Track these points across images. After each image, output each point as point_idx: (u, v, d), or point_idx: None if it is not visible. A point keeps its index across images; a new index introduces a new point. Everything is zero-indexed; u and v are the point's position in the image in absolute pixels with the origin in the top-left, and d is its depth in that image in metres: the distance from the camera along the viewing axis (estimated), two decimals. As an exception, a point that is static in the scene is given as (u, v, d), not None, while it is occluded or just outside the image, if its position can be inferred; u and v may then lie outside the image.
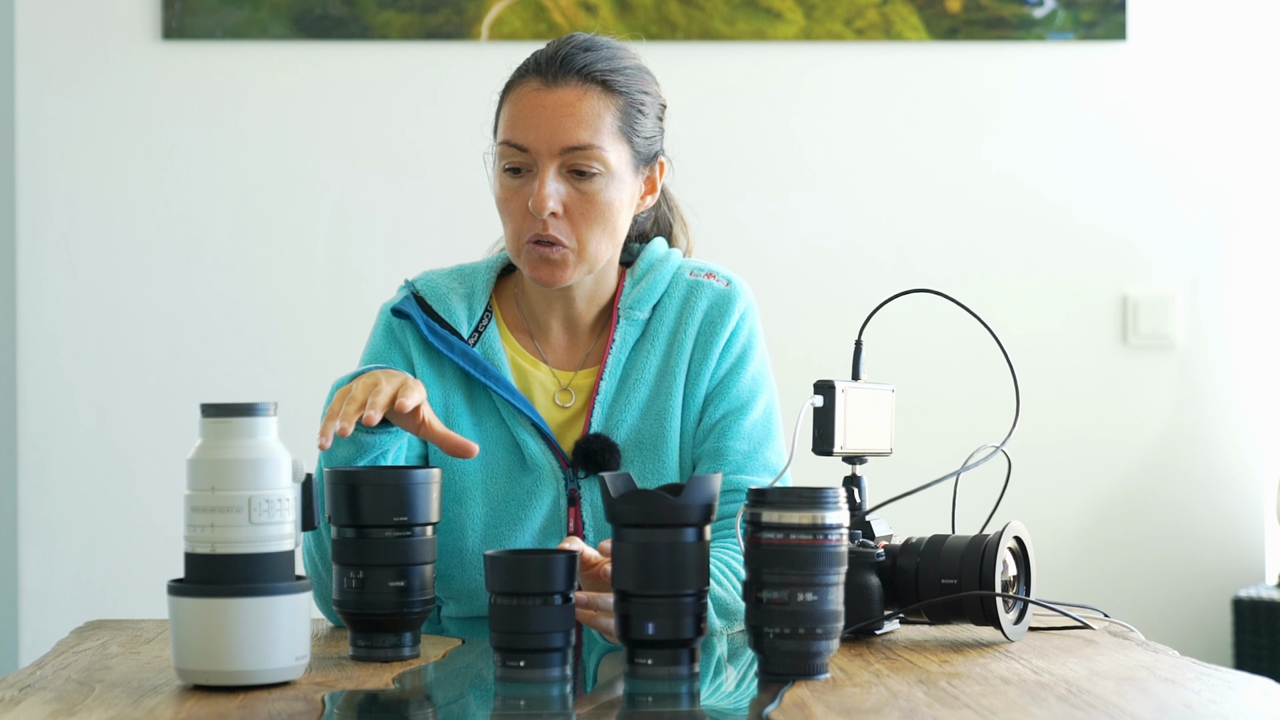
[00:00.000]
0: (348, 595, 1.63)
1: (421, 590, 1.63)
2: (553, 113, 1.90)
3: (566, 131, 1.89)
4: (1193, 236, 3.69)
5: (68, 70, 3.60)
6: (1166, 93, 3.69)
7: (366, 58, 3.62)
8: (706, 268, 2.03)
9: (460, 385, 1.97)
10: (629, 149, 1.94)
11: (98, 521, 3.60)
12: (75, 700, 1.45)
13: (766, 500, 1.52)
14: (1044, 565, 2.30)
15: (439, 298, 1.99)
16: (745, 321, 2.01)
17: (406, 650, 1.64)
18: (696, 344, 1.98)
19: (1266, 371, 3.72)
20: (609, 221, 1.93)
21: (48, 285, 3.60)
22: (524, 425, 1.95)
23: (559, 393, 1.98)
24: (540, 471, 1.95)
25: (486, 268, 2.04)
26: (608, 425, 1.96)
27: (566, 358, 2.01)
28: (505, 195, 1.93)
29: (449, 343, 1.96)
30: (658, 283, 2.00)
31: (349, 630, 1.65)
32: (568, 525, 1.95)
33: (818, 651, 1.52)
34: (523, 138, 1.90)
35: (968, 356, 3.58)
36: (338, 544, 1.64)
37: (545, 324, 2.01)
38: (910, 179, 3.67)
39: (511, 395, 1.94)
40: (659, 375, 1.98)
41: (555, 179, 1.90)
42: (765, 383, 2.02)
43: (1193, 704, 1.42)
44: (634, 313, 1.99)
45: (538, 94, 1.91)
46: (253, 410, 1.51)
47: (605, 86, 1.92)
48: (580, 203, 1.91)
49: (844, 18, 3.64)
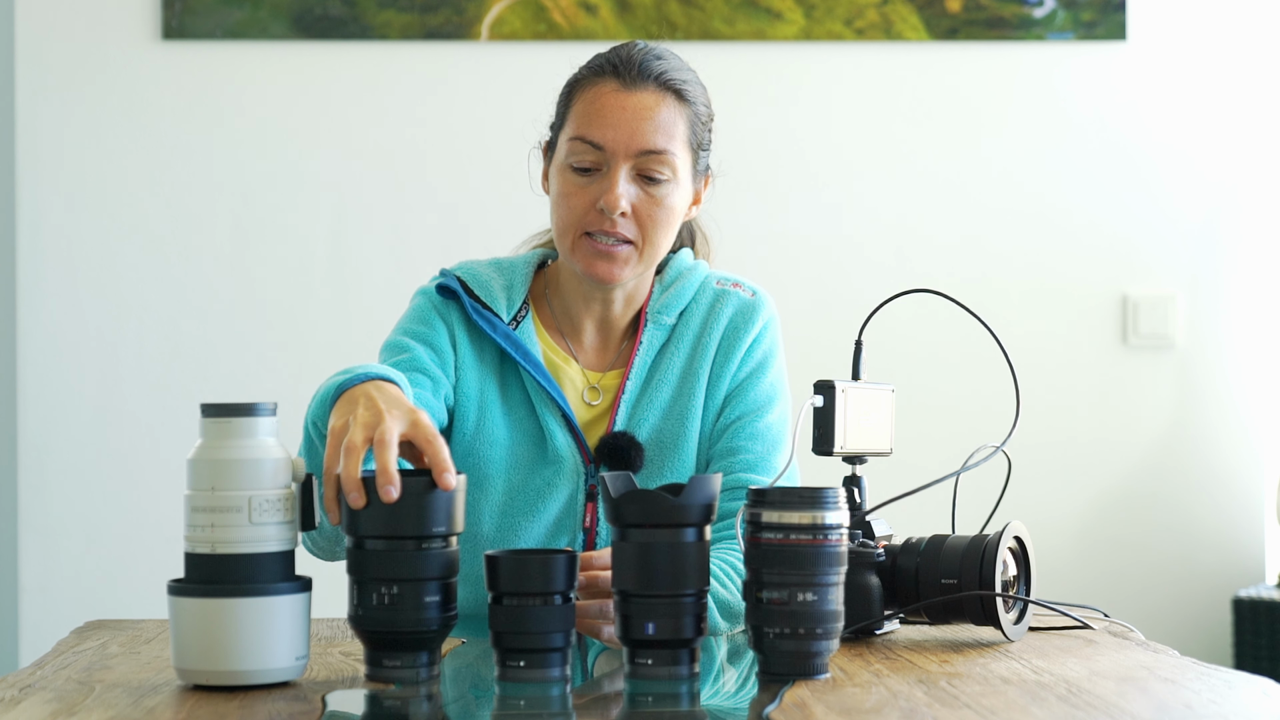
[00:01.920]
0: (378, 613, 1.51)
1: (454, 601, 1.54)
2: (632, 115, 1.93)
3: (645, 135, 1.93)
4: (1193, 236, 3.69)
5: (68, 70, 3.60)
6: (1166, 93, 3.69)
7: (366, 58, 3.62)
8: (733, 279, 2.08)
9: (495, 371, 2.00)
10: (692, 158, 1.99)
11: (98, 521, 3.60)
12: (75, 700, 1.45)
13: (766, 500, 1.52)
14: (1044, 565, 2.30)
15: (481, 284, 2.02)
16: (768, 332, 2.05)
17: (435, 668, 1.55)
18: (720, 348, 2.02)
19: (1266, 371, 3.72)
20: (671, 226, 1.97)
21: (48, 285, 3.60)
22: (554, 415, 1.97)
23: (587, 390, 2.01)
24: (562, 464, 1.97)
25: (524, 263, 2.07)
26: (631, 424, 2.00)
27: (597, 359, 2.04)
28: (569, 190, 1.95)
29: (492, 324, 1.99)
30: (685, 290, 2.04)
31: (370, 650, 1.53)
32: (583, 520, 1.97)
33: (818, 651, 1.52)
34: (600, 136, 1.93)
35: (968, 356, 3.58)
36: (371, 556, 1.51)
37: (579, 324, 2.04)
38: (910, 179, 3.67)
39: (546, 381, 1.97)
40: (682, 377, 2.01)
41: (626, 180, 1.93)
42: (781, 391, 2.05)
43: (1193, 704, 1.42)
44: (661, 317, 2.03)
45: (616, 95, 1.94)
46: (253, 410, 1.51)
47: (679, 96, 1.96)
48: (648, 205, 1.94)
49: (844, 18, 3.64)
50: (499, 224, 2.13)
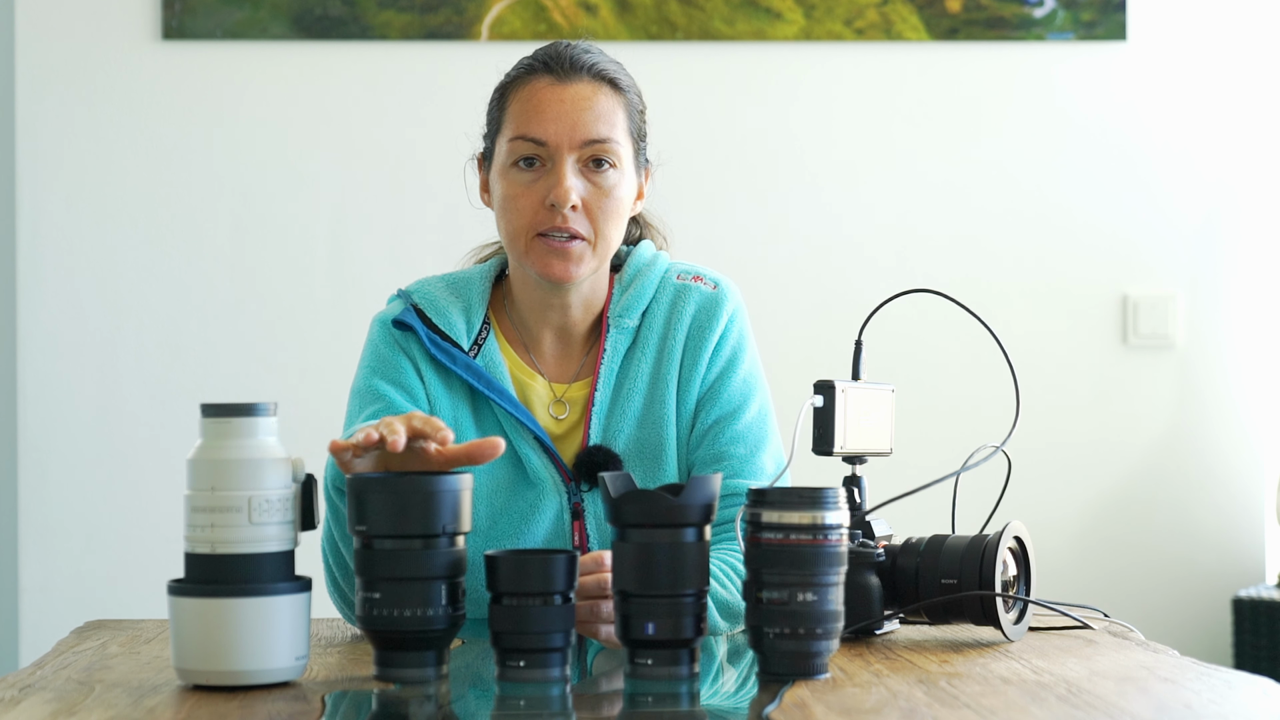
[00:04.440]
0: (385, 612, 1.49)
1: (462, 600, 1.54)
2: (571, 106, 1.90)
3: (587, 125, 1.90)
4: (1193, 236, 3.69)
5: (68, 70, 3.60)
6: (1166, 93, 3.69)
7: (366, 58, 3.62)
8: (694, 270, 2.02)
9: (466, 398, 1.95)
10: (634, 148, 1.96)
11: (98, 521, 3.60)
12: (75, 700, 1.45)
13: (766, 500, 1.52)
14: (1044, 565, 2.30)
15: (438, 310, 1.97)
16: (734, 324, 1.99)
17: (444, 667, 1.55)
18: (686, 349, 1.97)
19: (1266, 371, 3.72)
20: (622, 216, 1.94)
21: (48, 285, 3.60)
22: (526, 439, 1.93)
23: (553, 404, 1.97)
24: (543, 485, 1.93)
25: (480, 277, 2.01)
26: (605, 436, 1.95)
27: (560, 369, 1.99)
28: (514, 191, 1.92)
29: (451, 355, 1.94)
30: (645, 288, 1.99)
31: (378, 650, 1.53)
32: (572, 539, 1.94)
33: (818, 651, 1.52)
34: (540, 131, 1.90)
35: (968, 357, 3.58)
36: (377, 555, 1.50)
37: (538, 334, 1.99)
38: (910, 179, 3.67)
39: (514, 408, 1.92)
40: (651, 383, 1.96)
41: (573, 173, 1.90)
42: (757, 384, 2.01)
43: (1193, 704, 1.42)
44: (624, 320, 1.97)
45: (552, 89, 1.91)
46: (253, 410, 1.51)
47: (614, 85, 1.94)
48: (597, 197, 1.91)
49: (844, 18, 3.64)
50: (499, 224, 2.11)
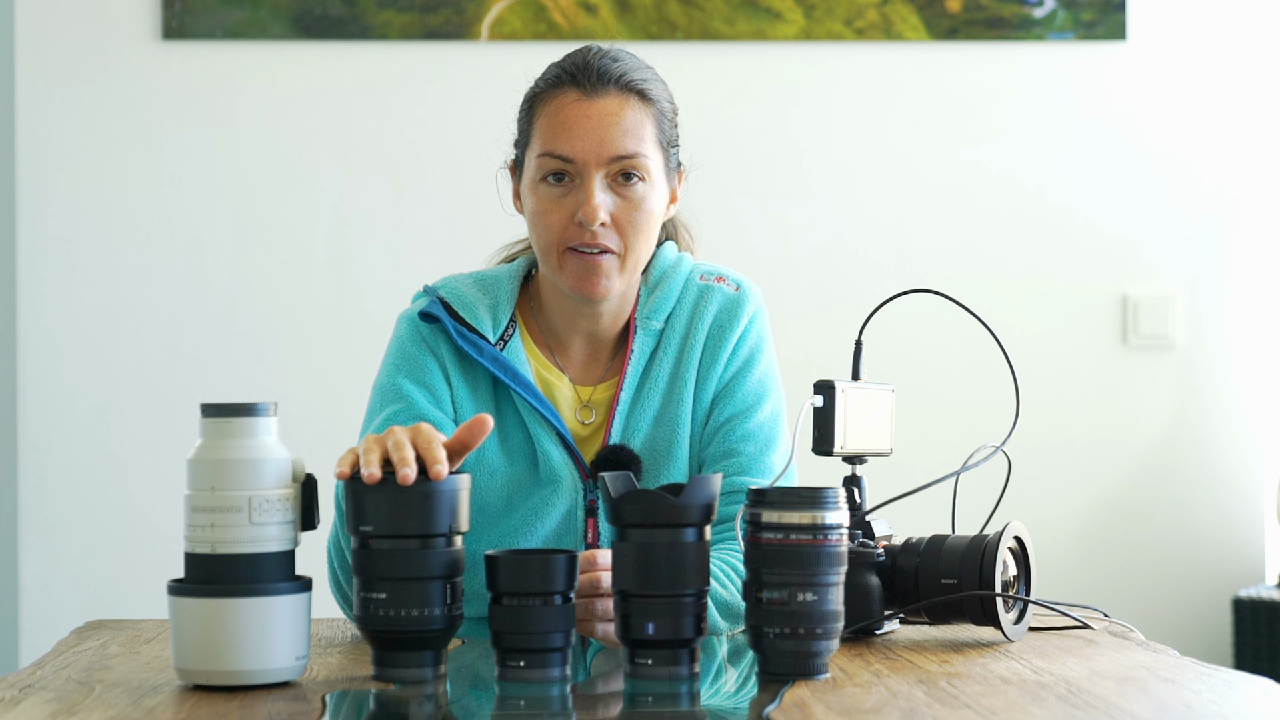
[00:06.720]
0: (383, 612, 1.50)
1: (460, 600, 1.54)
2: (598, 123, 1.89)
3: (614, 141, 1.89)
4: (1192, 237, 3.69)
5: (68, 70, 3.60)
6: (1166, 93, 3.69)
7: (366, 58, 3.62)
8: (717, 271, 2.03)
9: (489, 397, 1.96)
10: (664, 157, 1.95)
11: (98, 521, 3.59)
12: (75, 700, 1.45)
13: (766, 500, 1.52)
14: (1044, 565, 2.30)
15: (465, 305, 1.97)
16: (754, 325, 2.00)
17: (442, 667, 1.55)
18: (706, 348, 1.98)
19: (1266, 371, 3.72)
20: (651, 230, 1.93)
21: (48, 285, 3.60)
22: (548, 434, 1.94)
23: (580, 409, 1.98)
24: (559, 483, 1.93)
25: (509, 277, 2.01)
26: (624, 436, 1.96)
27: (585, 373, 2.00)
28: (544, 207, 1.91)
29: (479, 347, 1.94)
30: (671, 291, 1.99)
31: (376, 650, 1.54)
32: (584, 536, 1.94)
33: (818, 651, 1.52)
34: (568, 149, 1.89)
35: (968, 357, 3.58)
36: (375, 556, 1.51)
37: (566, 340, 2.00)
38: (910, 179, 3.67)
39: (538, 401, 1.93)
40: (670, 382, 1.97)
41: (601, 189, 1.89)
42: (773, 385, 2.01)
43: (1193, 704, 1.42)
44: (650, 323, 1.98)
45: (579, 104, 1.90)
46: (253, 410, 1.51)
47: (642, 96, 1.92)
48: (627, 211, 1.90)
49: (844, 18, 3.64)
50: (499, 224, 2.12)
